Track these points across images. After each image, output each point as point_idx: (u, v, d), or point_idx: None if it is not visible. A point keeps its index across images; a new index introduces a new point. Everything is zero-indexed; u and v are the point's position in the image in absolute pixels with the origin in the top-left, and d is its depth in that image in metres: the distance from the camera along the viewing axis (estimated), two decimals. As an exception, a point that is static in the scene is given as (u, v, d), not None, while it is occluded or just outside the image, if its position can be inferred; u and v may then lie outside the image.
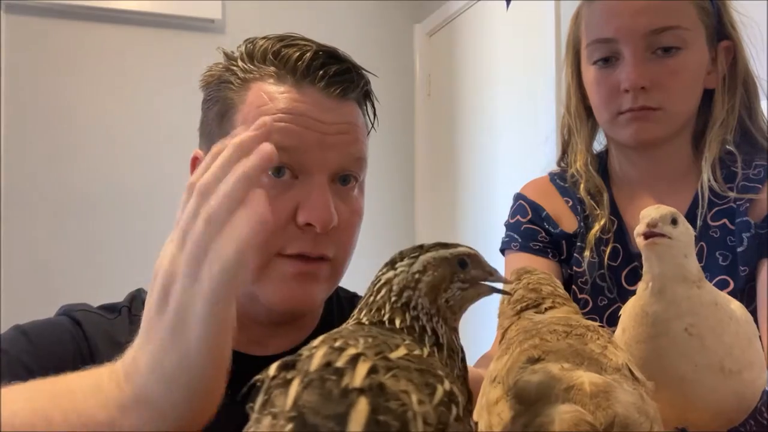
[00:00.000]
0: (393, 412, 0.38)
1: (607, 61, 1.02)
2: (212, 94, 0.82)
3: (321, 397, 0.38)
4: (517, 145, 2.66)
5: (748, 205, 1.00)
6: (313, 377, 0.40)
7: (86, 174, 2.96)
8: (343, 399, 0.38)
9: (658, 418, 0.48)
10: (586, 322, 0.56)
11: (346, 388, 0.38)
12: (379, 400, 0.38)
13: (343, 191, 0.79)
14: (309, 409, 0.38)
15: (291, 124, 0.75)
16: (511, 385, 0.49)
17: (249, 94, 0.78)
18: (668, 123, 1.02)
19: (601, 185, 1.09)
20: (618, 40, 1.00)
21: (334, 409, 0.37)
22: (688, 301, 0.64)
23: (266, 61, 0.78)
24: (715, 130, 1.04)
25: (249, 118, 0.76)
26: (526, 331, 0.55)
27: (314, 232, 0.76)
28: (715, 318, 0.65)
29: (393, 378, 0.40)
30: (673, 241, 0.64)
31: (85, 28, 2.99)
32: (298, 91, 0.76)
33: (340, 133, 0.77)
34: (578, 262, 1.06)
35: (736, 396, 0.67)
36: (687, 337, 0.64)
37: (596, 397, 0.45)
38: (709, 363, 0.65)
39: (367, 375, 0.39)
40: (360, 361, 0.40)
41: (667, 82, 0.99)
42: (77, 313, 0.81)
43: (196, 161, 0.83)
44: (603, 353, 0.51)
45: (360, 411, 0.37)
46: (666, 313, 0.65)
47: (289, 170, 0.76)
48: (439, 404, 0.40)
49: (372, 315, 0.49)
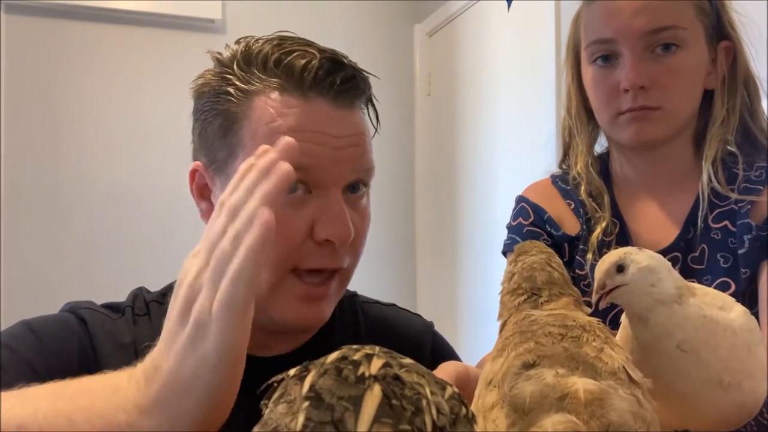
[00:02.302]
0: (407, 398, 0.39)
1: (606, 61, 1.03)
2: (209, 106, 0.79)
3: (337, 381, 0.39)
4: (518, 145, 2.66)
5: (750, 207, 0.99)
6: (329, 367, 0.41)
7: (86, 173, 2.96)
8: (359, 384, 0.39)
9: (655, 420, 0.48)
10: (582, 321, 0.55)
11: (363, 375, 0.40)
12: (394, 388, 0.39)
13: (353, 200, 0.79)
14: (325, 390, 0.39)
15: (304, 142, 0.71)
16: (507, 392, 0.49)
17: (254, 108, 0.76)
18: (668, 123, 1.02)
19: (602, 187, 1.09)
20: (617, 41, 1.00)
21: (350, 392, 0.38)
22: (671, 318, 0.64)
23: (267, 71, 0.76)
24: (715, 129, 1.04)
25: (258, 135, 0.74)
26: (522, 333, 0.55)
27: (332, 247, 0.75)
28: (707, 331, 0.65)
29: (406, 372, 0.41)
30: (628, 285, 0.65)
31: (85, 28, 2.99)
32: (306, 103, 0.75)
33: (352, 145, 0.76)
34: (581, 265, 1.06)
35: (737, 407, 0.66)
36: (680, 354, 0.64)
37: (590, 405, 0.45)
38: (707, 377, 0.64)
39: (382, 367, 0.41)
40: (374, 357, 0.42)
41: (667, 81, 1.00)
42: (83, 311, 0.81)
43: (195, 174, 0.81)
44: (598, 356, 0.50)
45: (375, 394, 0.38)
46: (653, 336, 0.65)
47: (303, 186, 0.75)
48: (450, 398, 0.42)
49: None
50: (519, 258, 0.66)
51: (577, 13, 1.10)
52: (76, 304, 0.83)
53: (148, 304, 0.84)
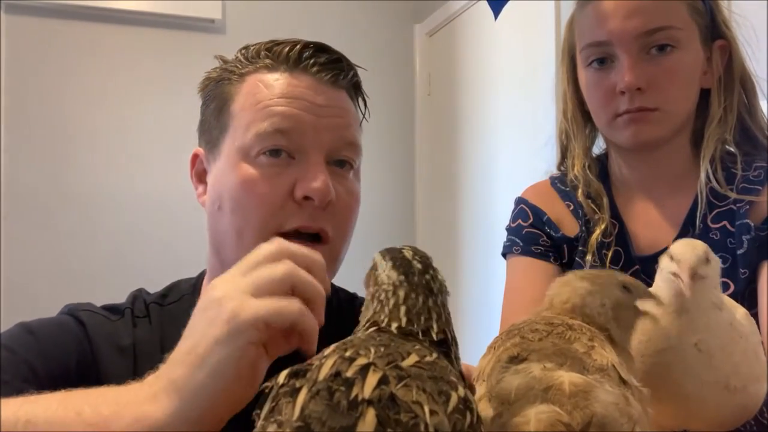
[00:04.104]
0: (403, 425, 0.37)
1: (602, 64, 1.03)
2: (210, 93, 0.86)
3: (328, 407, 0.37)
4: (518, 145, 2.66)
5: (748, 207, 1.00)
6: (320, 387, 0.39)
7: (86, 173, 2.96)
8: (351, 411, 0.37)
9: (642, 421, 0.48)
10: (570, 322, 0.56)
11: (356, 399, 0.38)
12: (389, 413, 0.37)
13: (339, 173, 0.82)
14: (315, 420, 0.37)
15: (288, 107, 0.79)
16: (494, 385, 0.49)
17: (245, 86, 0.82)
18: (666, 123, 1.02)
19: (600, 189, 1.09)
20: (612, 43, 1.00)
21: (341, 422, 0.36)
22: (706, 319, 0.65)
23: (259, 57, 0.83)
24: (712, 128, 1.04)
25: (246, 105, 0.80)
26: (509, 332, 0.56)
27: (312, 206, 0.78)
28: (728, 337, 0.65)
29: (404, 388, 0.39)
30: (707, 279, 0.65)
31: (85, 28, 2.99)
32: (291, 76, 0.81)
33: (333, 116, 0.81)
34: (580, 266, 1.05)
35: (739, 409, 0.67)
36: (696, 353, 0.64)
37: (575, 396, 0.45)
38: (716, 380, 0.65)
39: (377, 386, 0.38)
40: (370, 371, 0.39)
41: (663, 81, 1.00)
42: (82, 314, 0.81)
43: (196, 159, 0.88)
44: (588, 353, 0.50)
45: (368, 423, 0.36)
46: (680, 326, 0.65)
47: (286, 152, 0.79)
48: (453, 412, 0.40)
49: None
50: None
51: (571, 17, 1.10)
52: (75, 306, 0.83)
53: (147, 306, 0.85)
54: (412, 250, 0.52)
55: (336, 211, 0.80)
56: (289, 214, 0.78)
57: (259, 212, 0.78)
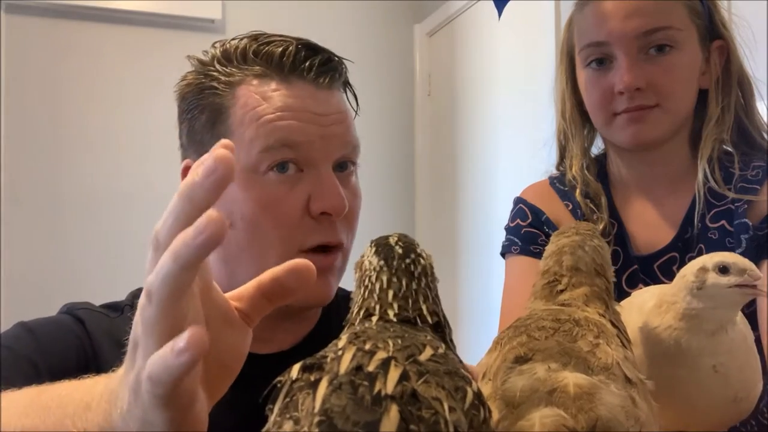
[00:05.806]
0: (425, 421, 0.37)
1: (600, 64, 1.03)
2: (195, 104, 0.82)
3: (352, 402, 0.37)
4: (517, 145, 2.67)
5: (747, 206, 1.00)
6: (343, 380, 0.38)
7: (87, 173, 2.96)
8: (375, 406, 0.36)
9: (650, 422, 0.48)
10: (577, 316, 0.55)
11: (379, 394, 0.37)
12: (411, 409, 0.37)
13: (343, 177, 0.82)
14: (338, 414, 0.36)
15: (292, 120, 0.77)
16: (499, 386, 0.49)
17: (238, 97, 0.79)
18: (665, 122, 1.02)
19: (598, 189, 1.09)
20: (610, 43, 1.01)
21: (365, 417, 0.36)
22: (727, 338, 0.64)
23: (248, 61, 0.80)
24: (710, 128, 1.04)
25: (246, 120, 0.77)
26: (516, 327, 0.55)
27: (330, 221, 0.78)
28: (743, 354, 0.65)
29: (425, 384, 0.39)
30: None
31: (85, 28, 2.99)
32: (288, 86, 0.78)
33: (337, 122, 0.80)
34: (578, 266, 1.06)
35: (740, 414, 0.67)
36: (713, 374, 0.64)
37: (579, 399, 0.45)
38: (725, 395, 0.65)
39: (398, 382, 0.38)
40: (391, 365, 0.39)
41: (662, 81, 1.00)
42: (80, 312, 0.81)
43: (187, 172, 0.82)
44: (592, 351, 0.50)
45: (392, 420, 0.36)
46: (699, 348, 0.64)
47: (294, 165, 0.78)
48: (470, 408, 0.40)
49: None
50: (554, 239, 0.64)
51: (570, 17, 1.11)
52: (73, 305, 0.83)
53: None
54: (397, 237, 0.53)
55: (348, 218, 0.80)
56: (309, 231, 0.78)
57: (278, 232, 0.77)
